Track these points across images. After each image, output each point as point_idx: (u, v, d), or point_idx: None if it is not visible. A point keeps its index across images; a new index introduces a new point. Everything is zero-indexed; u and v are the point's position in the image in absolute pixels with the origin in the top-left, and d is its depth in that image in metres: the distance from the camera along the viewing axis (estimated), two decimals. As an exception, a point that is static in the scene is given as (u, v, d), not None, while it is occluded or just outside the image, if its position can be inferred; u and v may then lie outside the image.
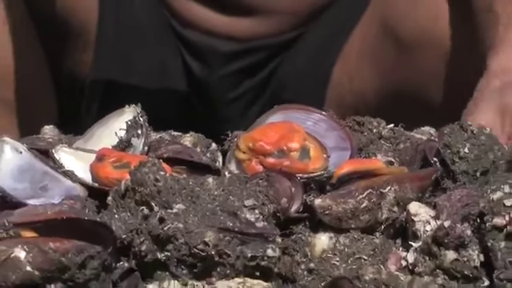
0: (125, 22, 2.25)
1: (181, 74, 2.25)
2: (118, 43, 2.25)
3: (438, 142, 1.40)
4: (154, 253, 1.21)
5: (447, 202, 1.30)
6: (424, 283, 1.22)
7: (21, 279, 1.15)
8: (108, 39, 2.25)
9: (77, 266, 1.16)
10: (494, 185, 1.28)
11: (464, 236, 1.25)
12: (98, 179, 1.29)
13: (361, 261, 1.23)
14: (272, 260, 1.21)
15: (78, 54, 2.25)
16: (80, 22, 2.24)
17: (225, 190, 1.24)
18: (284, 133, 1.35)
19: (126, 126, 1.39)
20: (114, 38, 2.25)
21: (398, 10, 2.05)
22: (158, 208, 1.22)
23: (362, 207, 1.27)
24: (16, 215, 1.22)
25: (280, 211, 1.25)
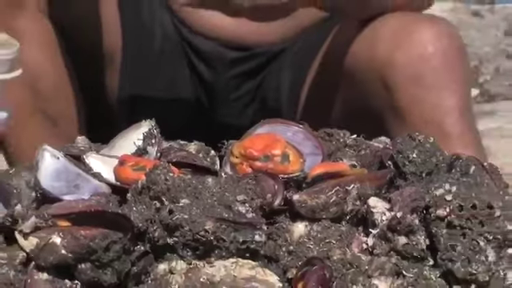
0: (144, 44, 2.24)
1: (190, 77, 2.23)
2: (139, 67, 2.23)
3: (391, 149, 1.41)
4: (164, 238, 1.22)
5: (399, 197, 1.31)
6: (381, 262, 1.23)
7: (57, 260, 1.16)
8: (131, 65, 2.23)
9: (102, 249, 1.17)
10: (436, 183, 1.29)
11: (413, 225, 1.26)
12: (119, 179, 1.30)
13: (330, 244, 1.24)
14: (259, 244, 1.22)
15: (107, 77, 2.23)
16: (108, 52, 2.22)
17: (221, 188, 1.25)
18: (269, 142, 1.36)
19: (142, 137, 1.40)
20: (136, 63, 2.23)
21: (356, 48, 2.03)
22: (167, 202, 1.23)
23: (331, 201, 1.29)
24: (53, 208, 1.23)
25: (265, 204, 1.26)
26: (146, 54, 2.22)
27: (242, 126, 1.49)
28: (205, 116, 2.18)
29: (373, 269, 1.22)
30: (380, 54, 1.92)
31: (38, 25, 2.06)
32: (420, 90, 1.89)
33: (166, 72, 2.23)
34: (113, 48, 2.21)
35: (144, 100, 2.16)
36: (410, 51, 1.91)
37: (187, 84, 2.23)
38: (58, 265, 1.17)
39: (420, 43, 1.91)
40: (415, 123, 1.84)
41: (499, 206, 1.26)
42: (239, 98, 2.20)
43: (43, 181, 1.29)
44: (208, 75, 2.20)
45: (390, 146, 1.43)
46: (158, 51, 2.22)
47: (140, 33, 2.22)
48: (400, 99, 1.90)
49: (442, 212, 1.23)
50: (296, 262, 1.23)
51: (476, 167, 1.36)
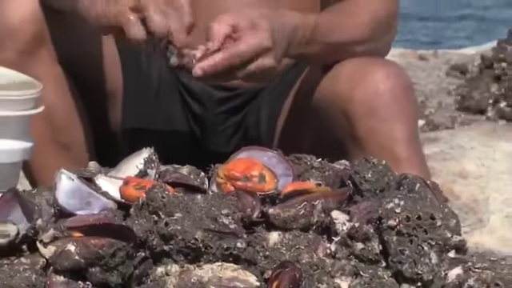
0: (143, 85, 2.22)
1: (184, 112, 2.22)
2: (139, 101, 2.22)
3: (350, 170, 1.42)
4: (161, 246, 1.22)
5: (357, 210, 1.31)
6: (342, 265, 1.23)
7: (72, 265, 1.17)
8: (131, 99, 2.22)
9: (109, 255, 1.18)
10: (388, 198, 1.30)
11: (368, 233, 1.27)
12: (124, 197, 1.30)
13: (299, 250, 1.25)
14: (240, 250, 1.22)
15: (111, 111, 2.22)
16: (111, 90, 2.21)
17: (208, 203, 1.26)
18: (248, 165, 1.37)
19: (143, 162, 1.41)
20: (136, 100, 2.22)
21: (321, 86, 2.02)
22: (163, 216, 1.23)
23: (300, 214, 1.29)
24: (69, 221, 1.24)
25: (245, 217, 1.26)
26: (144, 92, 2.21)
27: (227, 152, 1.49)
28: (197, 144, 2.17)
29: (335, 270, 1.22)
30: (341, 92, 1.93)
31: (49, 68, 2.06)
32: (375, 122, 1.90)
33: (163, 108, 2.22)
34: (115, 86, 2.20)
35: (143, 131, 2.15)
36: (366, 89, 1.91)
37: (181, 118, 2.22)
38: (73, 269, 1.18)
39: (374, 82, 1.91)
40: (371, 150, 1.84)
41: (440, 217, 1.27)
42: (225, 130, 2.19)
43: (60, 199, 1.30)
44: (199, 111, 2.20)
45: (349, 168, 1.44)
46: (155, 90, 2.21)
47: (139, 74, 2.22)
48: (358, 129, 1.90)
49: (393, 222, 1.25)
50: (271, 265, 1.23)
51: (420, 185, 1.37)
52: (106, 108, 2.21)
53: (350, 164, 1.45)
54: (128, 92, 2.21)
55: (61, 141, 2.10)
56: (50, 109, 2.04)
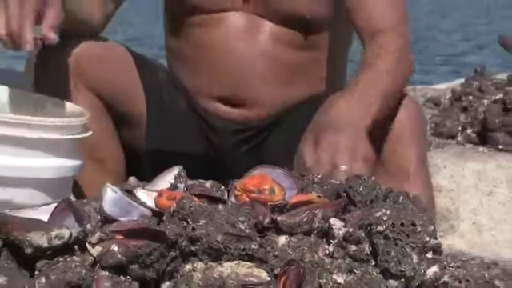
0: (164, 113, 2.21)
1: (202, 141, 2.20)
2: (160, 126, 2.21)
3: (345, 185, 1.42)
4: (189, 247, 1.22)
5: (351, 217, 1.31)
6: (338, 263, 1.23)
7: (115, 262, 1.17)
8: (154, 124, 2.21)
9: (146, 254, 1.17)
10: (376, 208, 1.29)
11: (360, 237, 1.26)
12: (158, 206, 1.31)
13: (303, 250, 1.24)
14: (254, 250, 1.22)
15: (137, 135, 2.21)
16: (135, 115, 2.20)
17: (228, 212, 1.25)
18: (260, 180, 1.37)
19: (174, 177, 1.41)
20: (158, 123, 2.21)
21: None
22: (191, 222, 1.23)
23: (304, 221, 1.29)
24: (112, 226, 1.24)
25: (258, 223, 1.26)
26: (165, 119, 2.21)
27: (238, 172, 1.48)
28: (211, 165, 2.17)
29: (333, 268, 1.22)
30: None
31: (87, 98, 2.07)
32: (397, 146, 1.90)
33: (183, 136, 2.21)
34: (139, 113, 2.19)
35: (164, 152, 2.14)
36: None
37: (200, 145, 2.21)
38: (116, 265, 1.17)
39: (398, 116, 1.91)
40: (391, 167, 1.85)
41: (420, 223, 1.27)
42: (238, 156, 2.18)
43: (105, 207, 1.30)
44: (216, 140, 2.18)
45: (343, 183, 1.43)
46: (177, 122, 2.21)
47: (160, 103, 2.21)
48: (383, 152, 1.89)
49: (381, 228, 1.24)
50: (280, 263, 1.22)
51: (403, 197, 1.37)
52: (132, 131, 2.21)
53: (344, 180, 1.45)
54: (151, 118, 2.21)
55: (96, 157, 2.10)
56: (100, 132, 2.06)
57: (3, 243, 1.23)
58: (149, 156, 2.22)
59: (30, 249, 1.20)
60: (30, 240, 1.20)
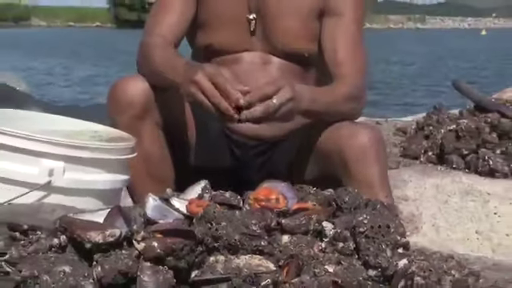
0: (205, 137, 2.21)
1: (228, 155, 2.21)
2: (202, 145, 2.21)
3: (334, 195, 1.42)
4: (213, 243, 1.22)
5: (339, 221, 1.31)
6: (329, 256, 1.23)
7: (155, 255, 1.16)
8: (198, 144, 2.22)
9: (179, 249, 1.17)
10: (359, 214, 1.29)
11: (346, 236, 1.26)
12: (189, 212, 1.30)
13: (302, 247, 1.24)
14: (264, 247, 1.22)
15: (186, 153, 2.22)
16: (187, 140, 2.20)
17: (243, 216, 1.25)
18: (268, 192, 1.37)
19: (201, 189, 1.41)
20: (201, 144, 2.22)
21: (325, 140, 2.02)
22: (214, 224, 1.23)
23: (302, 223, 1.28)
24: (153, 227, 1.23)
25: (267, 225, 1.26)
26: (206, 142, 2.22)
27: (256, 180, 1.48)
28: (236, 174, 2.16)
29: (325, 260, 1.22)
30: (341, 145, 1.92)
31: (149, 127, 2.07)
32: (362, 164, 1.90)
33: (215, 153, 2.22)
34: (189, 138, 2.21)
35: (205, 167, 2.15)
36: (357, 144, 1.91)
37: (227, 159, 2.21)
38: (155, 258, 1.17)
39: (362, 140, 1.91)
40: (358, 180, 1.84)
41: (393, 226, 1.27)
42: (255, 166, 2.19)
43: (148, 212, 1.30)
44: (239, 154, 2.19)
45: (333, 194, 1.43)
46: (212, 141, 2.21)
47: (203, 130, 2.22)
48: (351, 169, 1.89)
49: (362, 229, 1.24)
50: (283, 256, 1.22)
51: (380, 205, 1.37)
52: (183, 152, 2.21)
53: (334, 191, 1.44)
54: (196, 140, 2.22)
55: (154, 174, 2.11)
56: (148, 154, 2.07)
57: (68, 240, 1.24)
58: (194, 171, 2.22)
59: (89, 244, 1.19)
60: (89, 237, 1.19)
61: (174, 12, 2.11)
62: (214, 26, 2.15)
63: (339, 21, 2.09)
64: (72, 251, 1.22)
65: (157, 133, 2.11)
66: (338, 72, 2.07)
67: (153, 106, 2.06)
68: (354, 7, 2.12)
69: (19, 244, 1.27)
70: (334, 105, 1.99)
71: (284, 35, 2.13)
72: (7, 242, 1.28)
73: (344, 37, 2.09)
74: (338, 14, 2.10)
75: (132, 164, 1.99)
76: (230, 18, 2.13)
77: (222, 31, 2.14)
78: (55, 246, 1.24)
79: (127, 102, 2.04)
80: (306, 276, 1.17)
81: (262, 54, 2.15)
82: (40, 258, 1.21)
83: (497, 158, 2.49)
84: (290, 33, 2.13)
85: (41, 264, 1.18)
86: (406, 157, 2.76)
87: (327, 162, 1.98)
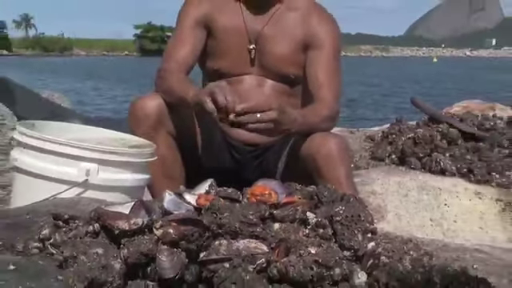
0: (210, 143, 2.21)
1: (229, 158, 2.20)
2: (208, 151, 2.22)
3: (316, 191, 1.41)
4: (217, 230, 1.20)
5: (319, 211, 1.30)
6: (312, 240, 1.21)
7: (170, 240, 1.16)
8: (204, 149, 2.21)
9: (190, 235, 1.16)
10: (336, 206, 1.28)
11: (325, 224, 1.25)
12: (198, 204, 1.29)
13: (290, 232, 1.22)
14: (259, 232, 1.21)
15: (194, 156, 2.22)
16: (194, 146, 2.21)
17: (242, 208, 1.24)
18: (262, 188, 1.35)
19: (208, 186, 1.40)
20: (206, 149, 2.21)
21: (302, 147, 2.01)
22: (219, 214, 1.22)
23: (290, 214, 1.27)
24: (169, 217, 1.22)
25: (262, 215, 1.25)
26: (210, 147, 2.22)
27: (253, 178, 1.47)
28: (236, 174, 2.15)
29: (308, 243, 1.20)
30: (313, 151, 1.93)
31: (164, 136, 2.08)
32: (330, 165, 1.90)
33: (219, 156, 2.22)
34: (196, 144, 2.21)
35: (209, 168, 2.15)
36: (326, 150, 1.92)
37: (228, 162, 2.21)
38: (171, 242, 1.16)
39: (330, 146, 1.92)
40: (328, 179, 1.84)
41: (363, 215, 1.26)
42: (251, 167, 2.19)
43: (165, 205, 1.29)
44: (238, 157, 2.19)
45: (315, 190, 1.42)
46: (216, 146, 2.22)
47: (208, 137, 2.22)
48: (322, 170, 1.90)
49: (339, 218, 1.24)
50: (275, 240, 1.21)
51: (352, 199, 1.35)
52: (192, 156, 2.21)
53: (315, 188, 1.43)
54: (203, 146, 2.22)
55: (168, 174, 2.11)
56: (164, 157, 2.07)
57: (100, 227, 1.23)
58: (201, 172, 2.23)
59: (117, 231, 1.18)
60: (118, 225, 1.19)
61: (187, 45, 2.13)
62: (221, 54, 2.16)
63: (320, 53, 2.11)
64: (104, 236, 1.21)
65: (170, 140, 2.11)
66: (318, 94, 2.08)
67: (165, 118, 2.07)
68: (332, 42, 2.14)
69: (61, 230, 1.26)
70: (317, 124, 2.01)
71: (276, 62, 2.15)
72: (52, 229, 1.27)
73: (324, 66, 2.11)
74: (319, 47, 2.12)
75: (151, 166, 1.99)
76: (234, 49, 2.15)
77: (227, 59, 2.15)
78: (90, 232, 1.22)
79: (144, 116, 2.05)
80: (293, 256, 1.16)
81: (259, 77, 2.16)
82: (78, 242, 1.20)
83: (446, 160, 2.49)
84: (281, 60, 2.15)
85: (79, 247, 1.17)
86: (373, 159, 2.75)
87: (304, 164, 1.99)
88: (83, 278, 1.07)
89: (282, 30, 2.14)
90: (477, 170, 2.42)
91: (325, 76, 2.10)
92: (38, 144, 1.85)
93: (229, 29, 2.14)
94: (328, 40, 2.12)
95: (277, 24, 2.14)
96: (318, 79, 2.09)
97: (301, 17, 2.15)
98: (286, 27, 2.14)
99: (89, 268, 1.10)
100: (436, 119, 2.83)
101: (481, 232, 2.30)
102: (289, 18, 2.15)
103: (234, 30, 2.13)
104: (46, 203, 1.65)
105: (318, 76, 2.09)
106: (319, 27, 2.13)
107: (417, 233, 2.21)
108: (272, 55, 2.14)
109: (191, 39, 2.13)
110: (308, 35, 2.12)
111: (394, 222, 2.32)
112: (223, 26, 2.14)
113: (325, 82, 2.08)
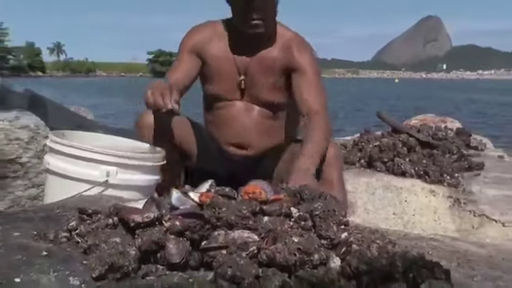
0: (205, 149, 2.22)
1: (224, 164, 2.21)
2: (203, 156, 2.23)
3: (299, 190, 1.40)
4: (216, 223, 1.19)
5: (302, 207, 1.29)
6: (295, 231, 1.19)
7: (177, 230, 1.14)
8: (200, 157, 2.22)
9: (193, 226, 1.15)
10: (315, 202, 1.27)
11: (306, 217, 1.24)
12: (200, 201, 1.28)
13: (277, 224, 1.21)
14: (251, 224, 1.20)
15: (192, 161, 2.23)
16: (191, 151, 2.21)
17: (237, 204, 1.23)
18: (254, 188, 1.34)
19: (209, 186, 1.39)
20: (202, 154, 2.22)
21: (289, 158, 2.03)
22: (217, 209, 1.21)
23: (277, 209, 1.26)
24: (176, 211, 1.21)
25: (253, 210, 1.23)
26: (207, 156, 2.23)
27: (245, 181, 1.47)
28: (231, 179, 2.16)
29: (292, 233, 1.18)
30: None
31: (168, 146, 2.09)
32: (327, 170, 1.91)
33: (216, 164, 2.23)
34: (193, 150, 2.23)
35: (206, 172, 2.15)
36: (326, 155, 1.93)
37: (225, 168, 2.21)
38: (177, 232, 1.15)
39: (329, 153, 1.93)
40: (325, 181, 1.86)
41: (338, 210, 1.25)
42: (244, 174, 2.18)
43: (172, 201, 1.27)
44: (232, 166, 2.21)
45: (298, 189, 1.41)
46: (212, 156, 2.22)
47: (203, 144, 2.23)
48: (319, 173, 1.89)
49: (317, 213, 1.22)
50: (264, 231, 1.19)
51: (329, 196, 1.35)
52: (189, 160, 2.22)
53: (298, 188, 1.42)
54: (198, 154, 2.23)
55: (174, 176, 2.13)
56: (168, 161, 2.07)
57: (118, 220, 1.22)
58: (196, 173, 2.24)
59: (133, 223, 1.17)
60: (133, 219, 1.17)
61: (181, 71, 2.11)
62: (215, 82, 2.16)
63: (303, 74, 2.09)
64: (121, 228, 1.20)
65: (169, 147, 2.10)
66: (306, 107, 2.03)
67: (167, 128, 2.11)
68: (311, 64, 2.12)
69: (86, 223, 1.26)
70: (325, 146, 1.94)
71: (261, 90, 2.14)
72: (78, 221, 1.26)
73: (308, 83, 2.08)
74: (302, 73, 2.09)
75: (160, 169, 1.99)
76: (225, 78, 2.15)
77: (220, 86, 2.15)
78: (110, 224, 1.21)
79: (147, 125, 2.06)
80: (280, 244, 1.15)
81: (247, 102, 2.16)
82: (99, 232, 1.19)
83: (406, 164, 2.50)
84: (264, 88, 2.13)
85: (100, 236, 1.16)
86: (346, 163, 2.76)
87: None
88: (104, 262, 1.07)
89: (267, 63, 2.12)
90: (431, 172, 2.43)
91: (309, 91, 2.06)
92: (67, 150, 1.85)
93: (220, 60, 2.13)
94: (309, 65, 2.11)
95: (262, 58, 2.12)
96: (303, 95, 2.06)
97: (283, 49, 2.12)
98: (269, 60, 2.12)
99: (108, 254, 1.09)
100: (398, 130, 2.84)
101: (435, 223, 2.31)
102: (272, 51, 2.12)
103: (225, 61, 2.12)
104: (73, 200, 1.64)
105: (303, 92, 2.06)
106: (299, 56, 2.11)
107: (382, 224, 2.22)
108: (258, 86, 2.13)
109: (186, 65, 2.12)
110: (291, 64, 2.11)
111: (363, 216, 2.32)
112: (215, 56, 2.13)
113: (310, 96, 2.05)
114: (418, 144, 2.68)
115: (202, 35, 2.14)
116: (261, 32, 2.05)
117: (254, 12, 1.99)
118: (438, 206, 2.34)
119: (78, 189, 1.78)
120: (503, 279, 1.23)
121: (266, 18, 2.03)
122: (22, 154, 2.39)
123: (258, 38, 2.09)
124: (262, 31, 2.04)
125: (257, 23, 2.01)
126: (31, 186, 2.45)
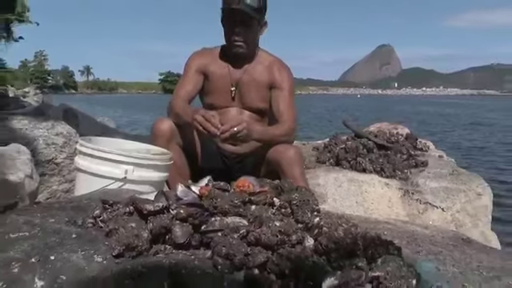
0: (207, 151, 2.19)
1: (221, 162, 2.19)
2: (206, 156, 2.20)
3: (280, 184, 1.39)
4: (213, 210, 1.18)
5: (282, 197, 1.27)
6: (277, 217, 1.18)
7: (181, 217, 1.13)
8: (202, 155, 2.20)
9: (195, 213, 1.14)
10: (292, 193, 1.26)
11: (286, 205, 1.23)
12: (201, 193, 1.27)
13: (262, 211, 1.20)
14: (241, 211, 1.19)
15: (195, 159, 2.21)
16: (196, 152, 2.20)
17: (230, 195, 1.22)
18: (243, 182, 1.33)
19: (207, 181, 1.37)
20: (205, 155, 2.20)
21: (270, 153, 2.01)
22: (214, 200, 1.20)
23: (262, 199, 1.25)
24: (181, 202, 1.20)
25: (243, 200, 1.23)
26: (208, 153, 2.21)
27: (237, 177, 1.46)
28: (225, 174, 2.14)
29: (274, 219, 1.18)
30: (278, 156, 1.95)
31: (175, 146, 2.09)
32: (289, 165, 1.91)
33: (213, 161, 2.21)
34: (197, 151, 2.21)
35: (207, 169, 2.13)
36: (286, 155, 1.93)
37: (220, 165, 2.20)
38: (181, 218, 1.14)
39: (289, 153, 1.94)
40: (288, 175, 1.85)
41: (311, 200, 1.24)
42: (237, 168, 2.18)
43: (178, 194, 1.26)
44: (226, 162, 2.20)
45: (279, 183, 1.40)
46: (211, 153, 2.21)
47: (206, 147, 2.21)
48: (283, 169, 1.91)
49: (294, 202, 1.22)
50: (252, 217, 1.19)
51: (305, 189, 1.34)
52: (195, 160, 2.21)
53: (279, 181, 1.42)
54: (202, 154, 2.21)
55: (179, 173, 2.10)
56: (175, 162, 2.06)
57: (134, 209, 1.20)
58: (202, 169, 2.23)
59: (146, 211, 1.16)
60: (146, 207, 1.16)
61: (189, 84, 2.15)
62: (212, 93, 2.19)
63: (280, 91, 2.16)
64: (136, 215, 1.19)
65: (179, 150, 2.11)
66: (280, 119, 2.10)
67: (175, 134, 2.10)
68: (288, 84, 2.17)
69: (108, 211, 1.24)
70: (277, 137, 2.01)
71: (250, 99, 2.17)
72: (101, 210, 1.25)
73: (283, 100, 2.14)
74: (280, 88, 2.16)
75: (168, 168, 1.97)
76: (221, 89, 2.18)
77: (217, 96, 2.18)
78: (127, 212, 1.20)
79: (160, 134, 2.06)
80: (264, 227, 1.14)
81: (238, 109, 2.18)
82: (119, 218, 1.17)
83: (366, 162, 2.50)
84: (253, 98, 2.17)
85: (119, 222, 1.14)
86: (318, 162, 2.75)
87: (273, 166, 1.99)
88: (122, 243, 1.05)
89: (254, 78, 2.18)
90: (386, 169, 2.44)
91: (285, 107, 2.12)
92: (93, 152, 1.83)
93: (218, 75, 2.18)
94: (286, 83, 2.17)
95: (250, 74, 2.18)
96: (279, 109, 2.12)
97: (266, 68, 2.19)
98: (256, 76, 2.18)
99: (126, 236, 1.07)
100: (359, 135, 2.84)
101: (389, 210, 2.31)
102: (258, 69, 2.19)
103: (222, 76, 2.17)
104: (97, 193, 1.62)
105: (280, 107, 2.12)
106: (279, 74, 2.17)
107: (347, 211, 2.22)
108: (247, 95, 2.18)
109: (192, 81, 2.16)
110: (272, 80, 2.18)
111: (332, 204, 2.32)
112: (214, 73, 2.18)
113: (285, 111, 2.11)
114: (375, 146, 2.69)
115: (204, 57, 2.20)
116: (243, 52, 2.13)
117: (236, 35, 2.06)
118: (392, 196, 2.34)
119: (102, 184, 1.77)
120: (442, 254, 1.24)
121: (247, 40, 2.08)
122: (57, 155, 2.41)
123: (244, 58, 2.13)
124: (243, 51, 2.10)
125: (239, 44, 2.08)
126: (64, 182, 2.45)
